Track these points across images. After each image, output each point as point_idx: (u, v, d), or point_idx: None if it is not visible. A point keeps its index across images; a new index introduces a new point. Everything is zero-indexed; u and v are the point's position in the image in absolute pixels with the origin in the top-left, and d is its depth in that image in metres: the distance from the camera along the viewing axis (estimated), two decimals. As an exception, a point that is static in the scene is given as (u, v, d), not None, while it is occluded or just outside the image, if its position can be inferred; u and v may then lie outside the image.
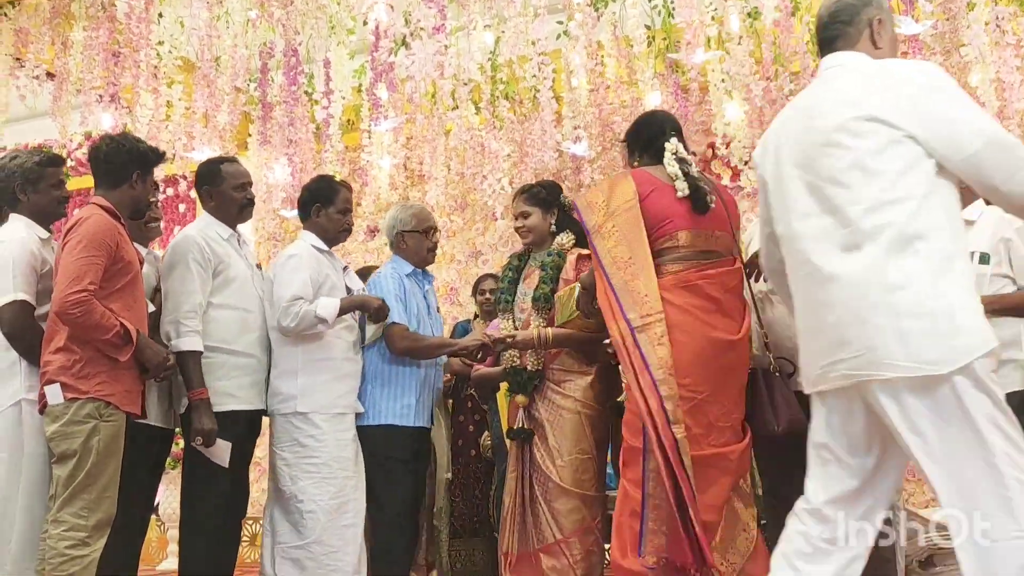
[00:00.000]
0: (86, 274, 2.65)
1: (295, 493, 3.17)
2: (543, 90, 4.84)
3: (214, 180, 3.29)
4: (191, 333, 3.02)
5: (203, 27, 4.84)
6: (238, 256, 3.24)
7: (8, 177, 2.97)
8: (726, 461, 2.60)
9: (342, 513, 3.17)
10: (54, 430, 2.67)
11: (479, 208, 6.10)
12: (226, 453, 3.04)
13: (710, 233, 2.76)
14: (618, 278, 2.68)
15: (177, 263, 3.08)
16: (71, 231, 2.74)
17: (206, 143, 5.30)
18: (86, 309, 2.63)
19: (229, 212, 3.29)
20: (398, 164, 5.64)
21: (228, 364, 3.11)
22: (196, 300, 3.05)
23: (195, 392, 2.99)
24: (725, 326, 2.66)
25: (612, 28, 4.87)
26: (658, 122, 2.95)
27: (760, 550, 2.60)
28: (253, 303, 3.22)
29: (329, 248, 3.43)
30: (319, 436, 3.18)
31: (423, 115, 5.21)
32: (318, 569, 3.13)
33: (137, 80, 4.85)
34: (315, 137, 5.54)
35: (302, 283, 3.19)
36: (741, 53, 4.61)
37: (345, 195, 3.45)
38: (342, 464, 3.20)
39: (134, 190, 2.92)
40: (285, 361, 3.23)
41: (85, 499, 2.63)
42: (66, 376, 2.67)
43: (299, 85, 5.24)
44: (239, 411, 3.12)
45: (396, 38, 4.83)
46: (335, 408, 3.23)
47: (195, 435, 2.98)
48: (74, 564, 2.57)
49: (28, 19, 4.78)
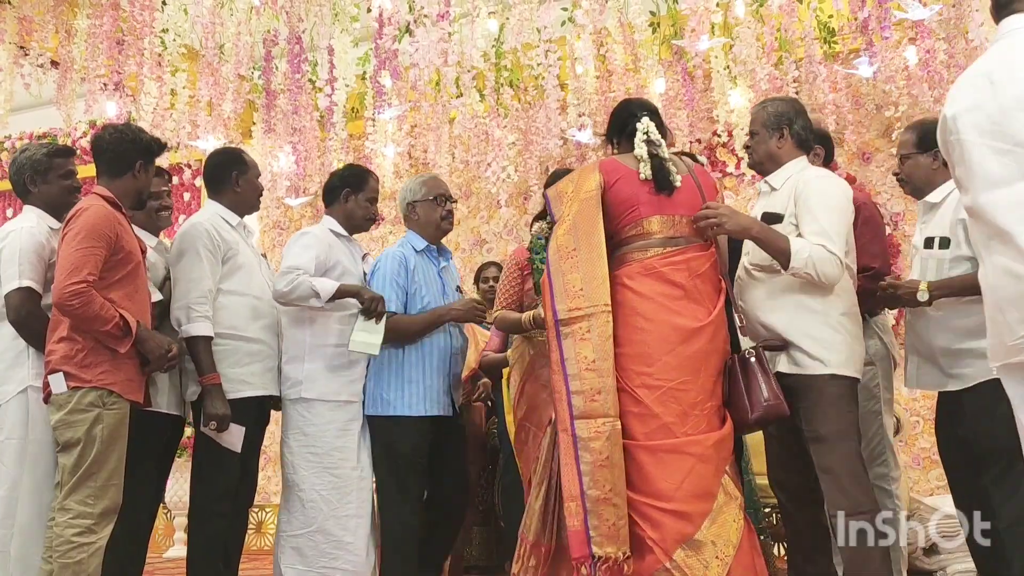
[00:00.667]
0: (84, 265, 2.66)
1: (297, 482, 3.18)
2: (548, 77, 4.83)
3: (242, 167, 3.31)
4: (201, 318, 3.02)
5: (207, 15, 4.83)
6: (245, 243, 3.26)
7: (19, 169, 3.00)
8: (703, 448, 2.55)
9: (344, 503, 3.16)
10: (58, 419, 2.69)
11: (483, 196, 6.09)
12: (238, 439, 3.05)
13: (679, 218, 2.73)
14: (556, 267, 2.68)
15: (186, 250, 3.09)
16: (70, 221, 2.75)
17: (210, 131, 5.30)
18: (84, 300, 2.64)
19: (250, 200, 3.34)
20: (402, 152, 5.65)
21: (240, 351, 3.12)
22: (206, 286, 3.06)
23: (207, 377, 3.00)
24: (692, 312, 2.63)
25: (617, 15, 4.85)
26: (629, 107, 2.92)
27: (747, 542, 2.55)
28: (261, 290, 3.22)
29: (350, 235, 3.42)
30: (321, 425, 3.17)
31: (427, 103, 5.20)
32: (320, 558, 3.12)
33: (141, 68, 4.84)
34: (319, 125, 5.54)
35: (308, 258, 3.18)
36: (746, 39, 4.59)
37: (374, 184, 3.45)
38: (344, 454, 3.18)
39: (136, 180, 2.92)
40: (294, 347, 3.24)
41: (91, 487, 2.64)
42: (69, 365, 2.69)
43: (303, 73, 5.23)
44: (251, 397, 3.12)
45: (400, 25, 4.82)
46: (340, 395, 3.21)
47: (208, 420, 2.99)
48: (81, 551, 2.59)
49: (32, 7, 4.77)
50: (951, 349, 2.74)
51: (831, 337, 2.65)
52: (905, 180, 3.03)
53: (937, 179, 2.90)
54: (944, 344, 2.76)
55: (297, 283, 3.10)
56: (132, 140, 2.92)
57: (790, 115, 2.88)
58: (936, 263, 2.79)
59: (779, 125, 2.87)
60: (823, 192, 2.72)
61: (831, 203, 2.70)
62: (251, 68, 5.37)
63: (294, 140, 5.39)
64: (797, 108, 2.93)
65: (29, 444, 2.79)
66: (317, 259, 3.20)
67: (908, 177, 3.00)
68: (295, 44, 5.10)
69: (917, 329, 2.86)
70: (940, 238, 2.79)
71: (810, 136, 2.93)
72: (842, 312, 2.68)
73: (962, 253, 2.72)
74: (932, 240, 2.82)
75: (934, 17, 4.17)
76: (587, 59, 4.86)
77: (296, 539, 3.15)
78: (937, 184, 2.90)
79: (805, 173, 2.81)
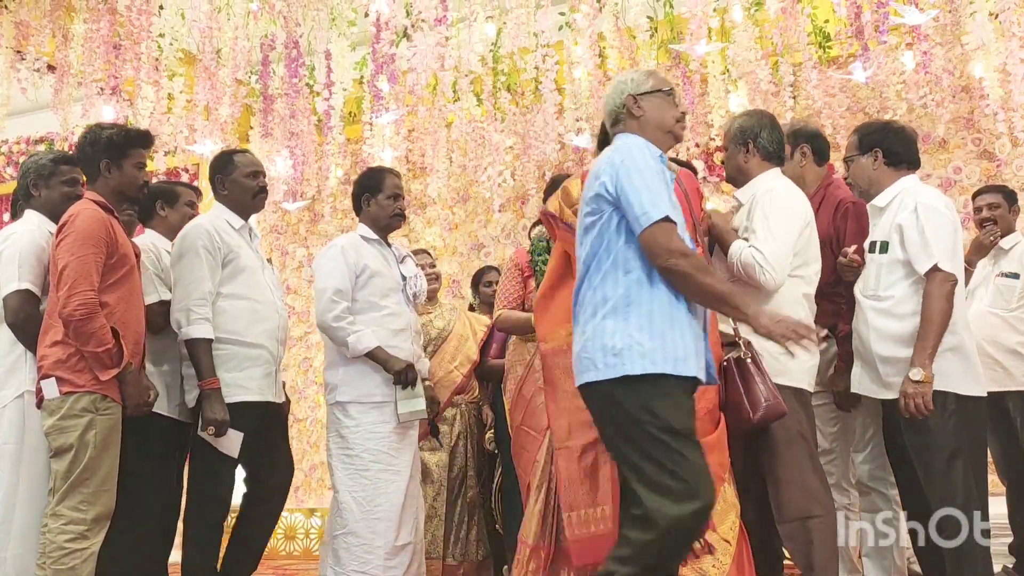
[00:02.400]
0: (88, 272, 2.67)
1: (335, 484, 3.23)
2: (545, 82, 4.83)
3: (226, 168, 3.28)
4: (201, 320, 3.01)
5: (204, 19, 4.83)
6: (248, 247, 3.24)
7: (24, 174, 3.04)
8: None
9: (375, 506, 3.16)
10: (51, 424, 2.68)
11: (481, 200, 6.08)
12: (236, 444, 3.03)
13: None
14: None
15: (186, 251, 3.08)
16: (63, 228, 2.76)
17: (207, 136, 5.30)
18: (89, 311, 2.64)
19: (241, 200, 3.27)
20: (400, 156, 5.64)
21: (240, 355, 3.09)
22: (206, 288, 3.04)
23: (206, 381, 2.98)
24: None
25: (614, 19, 4.85)
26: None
27: (739, 549, 2.55)
28: (263, 294, 3.20)
29: (383, 236, 3.44)
30: (353, 428, 3.20)
31: (425, 107, 5.20)
32: (351, 561, 3.13)
33: (138, 72, 4.84)
34: (316, 129, 5.53)
35: (340, 274, 3.24)
36: (743, 43, 4.60)
37: (392, 180, 3.45)
38: (375, 456, 3.19)
39: (109, 180, 2.89)
40: (330, 352, 3.30)
41: (83, 492, 2.63)
42: (62, 370, 2.68)
43: (300, 77, 5.23)
44: (250, 402, 3.10)
45: (397, 30, 4.82)
46: (373, 397, 3.23)
47: (206, 425, 2.96)
48: (74, 557, 2.58)
49: (29, 12, 4.77)
50: (888, 357, 2.76)
51: (774, 349, 2.60)
52: (852, 183, 3.05)
53: (879, 179, 2.91)
54: (882, 351, 2.77)
55: (342, 327, 3.19)
56: (92, 143, 2.90)
57: (755, 129, 2.90)
58: (876, 267, 2.81)
59: (744, 139, 2.90)
60: (771, 203, 2.74)
61: (775, 214, 2.72)
62: (248, 72, 5.36)
63: (291, 144, 5.39)
64: (763, 121, 2.95)
65: (26, 449, 2.79)
66: (347, 267, 3.25)
67: (853, 179, 3.02)
68: (292, 48, 5.10)
69: (860, 334, 2.87)
70: (880, 242, 2.81)
71: (778, 146, 2.94)
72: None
73: (898, 257, 2.75)
74: (874, 244, 2.84)
75: (930, 23, 4.18)
76: (584, 63, 4.86)
77: (334, 541, 3.19)
78: (881, 184, 2.91)
79: (764, 186, 2.83)
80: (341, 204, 6.31)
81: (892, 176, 2.88)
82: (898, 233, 2.75)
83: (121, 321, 2.76)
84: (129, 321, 2.79)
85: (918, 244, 2.70)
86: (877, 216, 2.91)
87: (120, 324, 2.74)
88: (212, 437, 2.98)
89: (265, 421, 3.19)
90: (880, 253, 2.79)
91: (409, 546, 3.23)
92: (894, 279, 2.75)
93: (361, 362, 3.23)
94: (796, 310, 2.67)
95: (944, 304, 2.64)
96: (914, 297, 2.71)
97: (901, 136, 2.94)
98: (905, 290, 2.74)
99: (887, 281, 2.76)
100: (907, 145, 2.93)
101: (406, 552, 3.22)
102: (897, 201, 2.82)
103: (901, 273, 2.75)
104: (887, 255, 2.77)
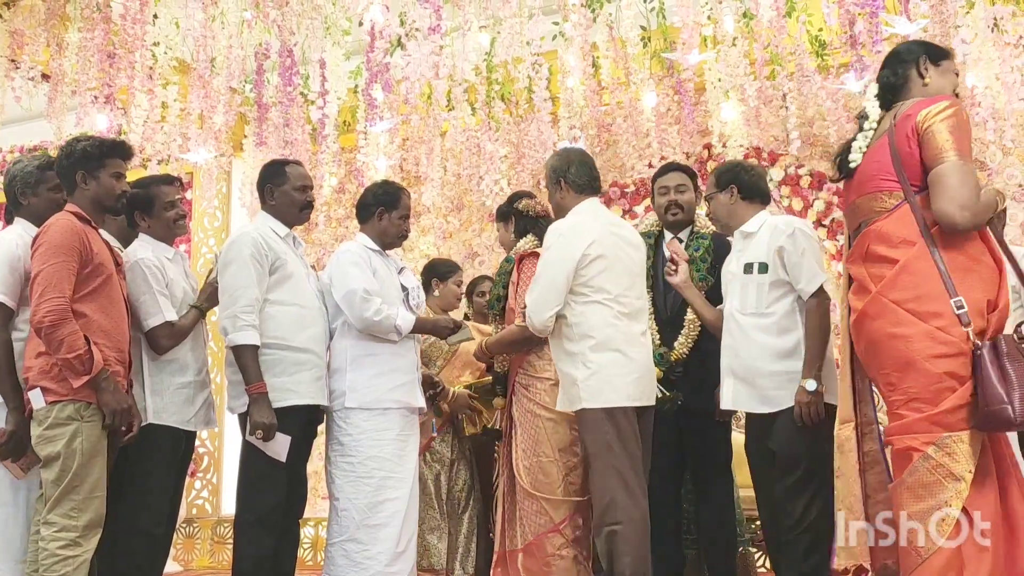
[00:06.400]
0: (60, 280, 2.66)
1: (334, 491, 3.22)
2: (539, 91, 4.85)
3: (276, 179, 3.30)
4: (247, 327, 3.02)
5: (198, 28, 4.83)
6: (294, 255, 3.27)
7: (10, 181, 3.01)
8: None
9: (376, 512, 3.17)
10: (38, 434, 2.68)
11: (475, 209, 6.09)
12: (284, 448, 3.02)
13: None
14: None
15: (234, 259, 3.09)
16: (37, 239, 2.75)
17: (201, 144, 5.30)
18: (59, 317, 2.63)
19: (289, 212, 3.30)
20: (394, 165, 5.64)
21: (287, 360, 3.09)
22: (252, 295, 3.06)
23: (253, 386, 2.98)
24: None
25: (608, 29, 4.87)
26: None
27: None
28: (309, 300, 3.22)
29: (383, 249, 3.46)
30: (355, 435, 3.20)
31: (419, 116, 5.22)
32: (351, 567, 3.14)
33: (132, 81, 4.84)
34: (311, 138, 5.54)
35: (367, 275, 3.26)
36: (736, 53, 4.62)
37: (407, 201, 3.49)
38: (379, 463, 3.19)
39: (86, 191, 2.86)
40: (336, 358, 3.28)
41: (74, 500, 2.63)
42: (47, 380, 2.68)
43: (295, 86, 5.23)
44: (299, 406, 3.10)
45: (392, 39, 4.83)
46: (381, 404, 3.22)
47: (254, 429, 2.97)
48: (67, 564, 2.58)
49: (23, 20, 4.78)
50: (773, 371, 2.96)
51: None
52: (713, 218, 3.30)
53: (738, 212, 3.17)
54: (766, 366, 2.97)
55: (385, 316, 3.20)
56: (67, 155, 2.88)
57: (563, 167, 3.17)
58: (756, 286, 3.03)
59: (556, 178, 3.18)
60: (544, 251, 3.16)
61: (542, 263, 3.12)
62: (243, 81, 5.37)
63: (286, 153, 5.36)
64: (571, 158, 3.21)
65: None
66: (368, 270, 3.28)
67: (714, 215, 3.26)
68: (287, 57, 5.10)
69: (737, 351, 3.05)
70: (759, 263, 3.03)
71: (589, 179, 3.20)
72: (590, 348, 2.94)
73: (780, 277, 2.99)
74: (751, 265, 3.05)
75: (919, 33, 4.21)
76: (578, 72, 4.88)
77: (333, 547, 3.19)
78: (742, 217, 3.15)
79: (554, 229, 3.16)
80: (335, 213, 6.31)
81: (749, 209, 3.15)
82: (779, 256, 2.98)
83: (101, 330, 2.74)
84: (109, 330, 2.77)
85: (801, 267, 2.96)
86: (742, 240, 3.15)
87: (100, 333, 2.73)
88: (260, 441, 2.98)
89: (310, 428, 3.23)
90: (759, 273, 3.01)
91: (407, 553, 3.23)
92: (775, 297, 2.99)
93: (365, 368, 3.23)
94: (600, 334, 2.95)
95: (827, 321, 2.96)
96: (792, 315, 2.98)
97: (752, 173, 3.23)
98: (786, 308, 2.99)
99: (769, 299, 2.99)
100: (758, 181, 3.21)
101: (404, 558, 3.22)
102: (768, 228, 3.06)
103: (782, 291, 2.99)
104: (767, 275, 3.00)
